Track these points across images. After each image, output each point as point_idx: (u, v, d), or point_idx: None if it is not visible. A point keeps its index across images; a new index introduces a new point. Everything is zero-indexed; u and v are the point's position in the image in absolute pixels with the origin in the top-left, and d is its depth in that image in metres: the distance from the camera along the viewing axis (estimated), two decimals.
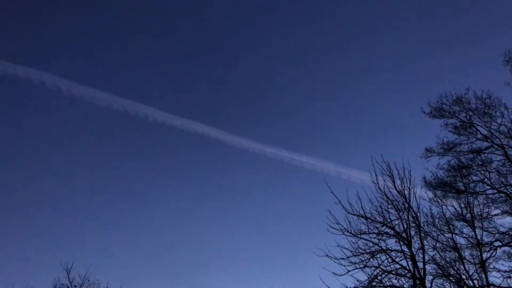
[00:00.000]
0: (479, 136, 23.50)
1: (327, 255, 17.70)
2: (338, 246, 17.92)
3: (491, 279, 20.45)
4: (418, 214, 18.95)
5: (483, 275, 20.40)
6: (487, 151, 23.25)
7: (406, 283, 18.93)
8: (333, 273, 17.64)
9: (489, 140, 23.19)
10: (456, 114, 23.81)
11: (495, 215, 21.77)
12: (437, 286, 19.85)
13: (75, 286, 32.77)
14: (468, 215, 21.43)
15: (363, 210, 18.56)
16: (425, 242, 19.72)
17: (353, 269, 18.00)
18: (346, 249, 18.06)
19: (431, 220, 21.26)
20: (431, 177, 23.34)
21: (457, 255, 20.41)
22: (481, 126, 23.50)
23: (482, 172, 22.70)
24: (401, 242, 19.13)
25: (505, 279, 20.57)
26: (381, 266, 18.49)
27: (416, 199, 19.02)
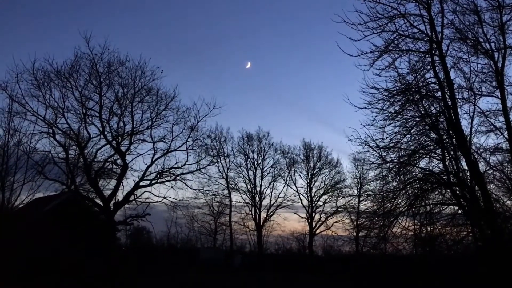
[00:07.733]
0: None
1: (344, 21, 17.34)
2: (356, 11, 17.44)
3: (508, 41, 20.24)
4: None
5: (501, 38, 20.13)
6: None
7: (423, 47, 18.94)
8: (350, 38, 17.56)
9: None
10: None
11: None
12: (454, 49, 19.78)
13: (95, 54, 33.89)
14: None
15: None
16: (444, 6, 19.10)
17: (370, 34, 17.80)
18: (364, 14, 17.62)
19: None
20: None
21: (476, 18, 19.85)
22: None
23: None
24: (420, 6, 18.59)
25: None
26: (398, 31, 18.28)
27: None
